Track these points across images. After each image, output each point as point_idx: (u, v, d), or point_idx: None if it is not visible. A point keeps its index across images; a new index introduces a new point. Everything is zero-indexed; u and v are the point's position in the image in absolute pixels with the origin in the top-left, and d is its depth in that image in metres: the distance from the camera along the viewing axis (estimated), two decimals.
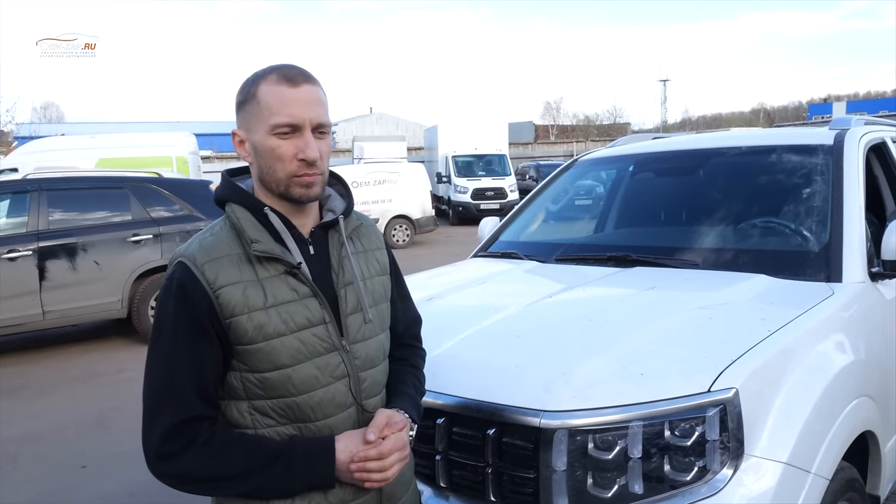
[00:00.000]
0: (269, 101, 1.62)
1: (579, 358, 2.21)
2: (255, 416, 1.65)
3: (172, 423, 1.56)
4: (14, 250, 8.07)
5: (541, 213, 4.36)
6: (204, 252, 1.62)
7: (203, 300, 1.58)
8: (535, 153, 44.69)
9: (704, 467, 1.97)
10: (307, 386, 1.63)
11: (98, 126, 37.71)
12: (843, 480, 2.32)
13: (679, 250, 3.32)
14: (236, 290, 1.59)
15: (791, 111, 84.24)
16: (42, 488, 4.79)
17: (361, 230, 1.87)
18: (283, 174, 1.64)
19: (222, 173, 1.81)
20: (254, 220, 1.67)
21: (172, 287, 1.61)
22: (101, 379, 7.43)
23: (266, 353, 1.60)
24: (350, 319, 1.73)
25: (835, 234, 2.97)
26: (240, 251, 1.64)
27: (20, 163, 14.89)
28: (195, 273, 1.59)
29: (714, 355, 2.13)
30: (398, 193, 19.28)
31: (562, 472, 1.98)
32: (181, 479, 1.61)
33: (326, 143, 1.68)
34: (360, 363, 1.73)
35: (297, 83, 1.63)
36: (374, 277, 1.84)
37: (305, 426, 1.66)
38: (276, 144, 1.62)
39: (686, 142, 4.49)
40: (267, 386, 1.62)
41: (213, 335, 1.59)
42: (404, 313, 2.01)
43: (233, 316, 1.58)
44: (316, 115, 1.64)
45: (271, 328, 1.60)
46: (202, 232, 1.72)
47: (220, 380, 1.64)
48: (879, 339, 2.80)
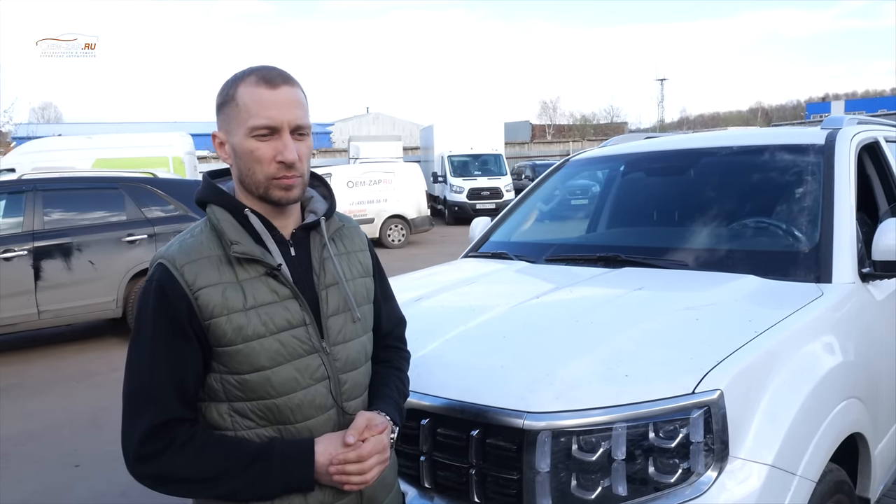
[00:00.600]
0: (248, 103, 1.62)
1: (564, 359, 2.20)
2: (235, 417, 1.64)
3: (151, 425, 1.56)
4: (9, 250, 8.09)
5: (532, 214, 4.35)
6: (184, 254, 1.62)
7: (182, 302, 1.57)
8: (532, 153, 44.71)
9: (689, 469, 1.96)
10: (286, 388, 1.63)
11: (95, 126, 37.61)
12: (831, 483, 2.30)
13: (669, 250, 3.30)
14: (215, 291, 1.58)
15: (789, 110, 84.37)
16: (35, 487, 4.80)
17: (344, 231, 1.87)
18: (262, 176, 1.64)
19: (203, 174, 1.81)
20: (234, 222, 1.66)
21: (152, 288, 1.61)
22: (96, 378, 7.43)
23: (245, 354, 1.59)
24: (331, 321, 1.72)
25: (825, 234, 2.95)
26: (220, 253, 1.63)
27: (17, 163, 14.93)
28: (174, 275, 1.58)
29: (699, 357, 2.12)
30: (394, 193, 19.26)
31: (545, 474, 1.97)
32: (160, 481, 1.61)
33: (306, 145, 1.68)
34: (341, 365, 1.72)
35: (275, 85, 1.63)
36: (357, 279, 1.83)
37: (285, 428, 1.65)
38: (255, 146, 1.62)
39: (677, 142, 4.49)
40: (246, 388, 1.61)
41: (193, 337, 1.59)
42: (388, 315, 2.00)
43: (212, 317, 1.58)
44: (294, 116, 1.63)
45: (250, 330, 1.59)
46: (183, 234, 1.71)
47: (200, 382, 1.64)
48: (869, 340, 2.79)
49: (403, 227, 19.41)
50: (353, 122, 59.72)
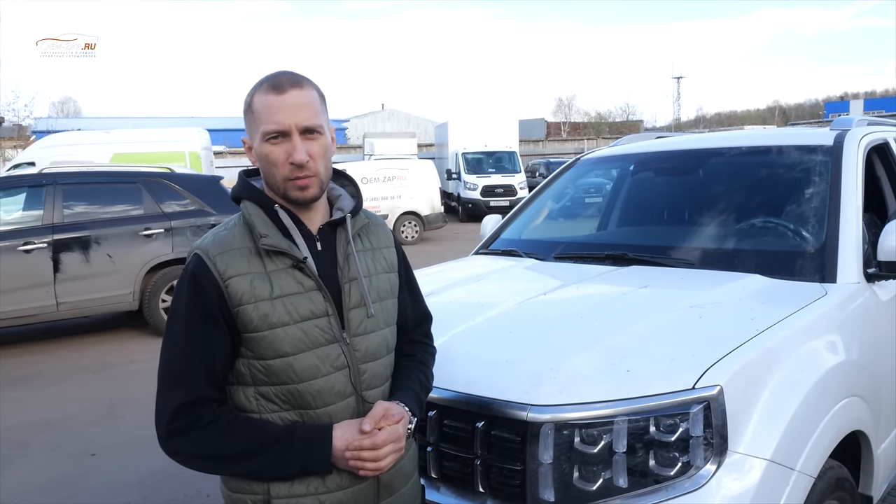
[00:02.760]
0: (259, 111, 1.72)
1: (568, 354, 2.25)
2: (261, 401, 1.73)
3: (181, 403, 1.67)
4: (30, 242, 8.18)
5: (542, 212, 4.39)
6: (216, 245, 1.73)
7: (214, 289, 1.68)
8: (546, 150, 44.55)
9: (688, 463, 2.00)
10: (308, 374, 1.71)
11: (113, 121, 37.93)
12: (831, 479, 2.34)
13: (676, 249, 3.34)
14: (244, 280, 1.69)
15: (807, 109, 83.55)
16: (52, 475, 4.87)
17: (370, 228, 1.95)
18: (280, 178, 1.73)
19: (239, 173, 1.92)
20: (264, 217, 1.76)
21: (187, 276, 1.73)
22: (112, 369, 7.53)
23: (270, 341, 1.69)
24: (352, 313, 1.80)
25: (831, 234, 2.98)
26: (250, 245, 1.74)
27: (37, 157, 15.09)
28: (207, 264, 1.69)
29: (700, 353, 2.16)
30: (408, 190, 19.28)
31: (548, 465, 2.02)
32: (187, 456, 1.72)
33: (319, 144, 1.75)
34: (360, 356, 1.80)
35: (283, 90, 1.71)
36: (381, 274, 1.91)
37: (306, 413, 1.73)
38: (269, 151, 1.72)
39: (686, 142, 4.52)
40: (270, 372, 1.70)
41: (223, 322, 1.69)
42: (414, 310, 2.07)
43: (240, 305, 1.68)
44: (302, 118, 1.71)
45: (275, 317, 1.69)
46: (219, 226, 1.83)
47: (229, 365, 1.74)
48: (873, 340, 2.81)
49: (417, 224, 19.43)
50: (369, 118, 59.67)
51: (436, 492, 2.26)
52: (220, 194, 9.24)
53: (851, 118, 3.75)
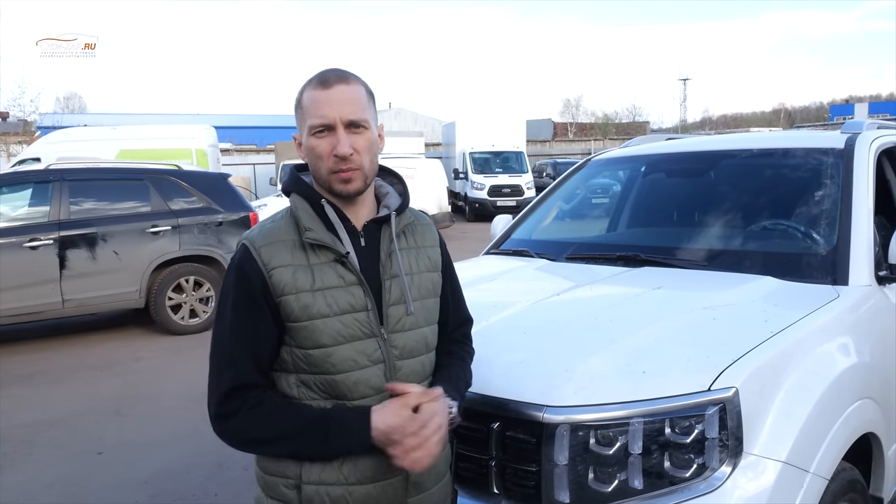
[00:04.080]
0: (307, 106, 1.78)
1: (583, 355, 2.25)
2: (301, 388, 1.79)
3: (229, 387, 1.74)
4: (36, 239, 8.18)
5: (552, 212, 4.40)
6: (262, 236, 1.79)
7: (258, 278, 1.74)
8: (553, 151, 44.54)
9: (703, 464, 2.01)
10: (345, 366, 1.75)
11: (119, 117, 37.89)
12: (844, 481, 2.35)
13: (688, 251, 3.34)
14: (287, 272, 1.74)
15: (812, 112, 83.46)
16: (58, 474, 4.87)
17: (416, 227, 1.97)
18: (325, 171, 1.78)
19: (291, 168, 1.98)
20: (310, 211, 1.81)
21: (234, 266, 1.80)
22: (119, 367, 7.54)
23: (310, 331, 1.74)
24: (392, 310, 1.83)
25: (842, 237, 2.98)
26: (295, 238, 1.79)
27: (42, 152, 15.10)
28: (253, 254, 1.76)
29: (715, 355, 2.17)
30: (415, 189, 18.98)
31: (563, 467, 2.02)
32: (235, 437, 1.78)
33: (364, 138, 1.78)
34: (398, 352, 1.83)
35: (329, 85, 1.76)
36: (423, 273, 1.93)
37: (342, 403, 1.78)
38: (315, 144, 1.77)
39: (697, 143, 4.51)
40: (310, 362, 1.76)
41: (267, 311, 1.75)
42: (455, 312, 2.09)
43: (283, 295, 1.73)
44: (347, 112, 1.75)
45: (315, 309, 1.73)
46: (267, 218, 1.89)
47: (275, 352, 1.79)
48: (884, 342, 2.82)
49: None
50: None
51: None
52: (228, 192, 9.21)
53: (861, 122, 3.75)
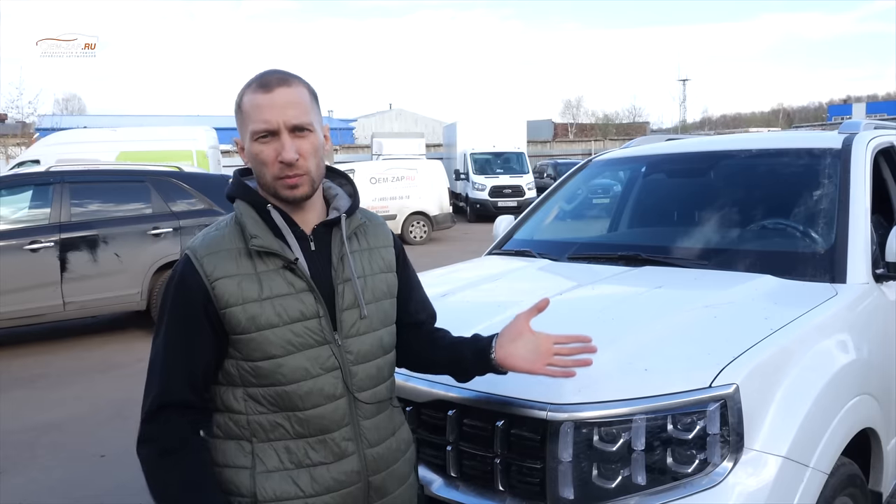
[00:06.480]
0: (248, 110, 1.71)
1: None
2: (249, 402, 1.73)
3: (155, 405, 1.68)
4: (36, 241, 8.15)
5: (554, 213, 4.42)
6: (205, 246, 1.72)
7: (199, 290, 1.67)
8: (554, 151, 44.49)
9: (705, 460, 2.03)
10: (296, 376, 1.70)
11: (119, 119, 37.91)
12: (843, 476, 2.37)
13: (688, 250, 3.38)
14: (231, 282, 1.68)
15: (811, 112, 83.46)
16: (60, 477, 4.84)
17: (368, 228, 1.94)
18: (270, 177, 1.72)
19: (234, 172, 1.90)
20: (256, 217, 1.75)
21: (175, 278, 1.73)
22: (120, 370, 7.50)
23: (259, 342, 1.68)
24: (345, 314, 1.79)
25: (840, 236, 3.02)
26: (241, 245, 1.72)
27: (42, 155, 15.06)
28: (195, 265, 1.69)
29: (716, 352, 2.19)
30: (416, 190, 19.27)
31: (567, 464, 2.05)
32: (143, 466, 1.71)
33: (309, 142, 1.72)
34: (353, 357, 1.79)
35: (270, 88, 1.69)
36: (377, 274, 1.90)
37: (294, 415, 1.72)
38: (259, 150, 1.70)
39: (697, 144, 4.55)
40: (259, 374, 1.70)
41: (208, 324, 1.68)
42: (424, 303, 2.11)
43: (227, 307, 1.67)
44: (290, 116, 1.69)
45: (263, 319, 1.68)
46: (211, 226, 1.82)
47: (216, 367, 1.73)
48: (882, 339, 2.85)
49: (425, 224, 19.39)
50: (376, 118, 59.42)
51: (455, 490, 2.28)
52: None
53: (859, 122, 3.78)
